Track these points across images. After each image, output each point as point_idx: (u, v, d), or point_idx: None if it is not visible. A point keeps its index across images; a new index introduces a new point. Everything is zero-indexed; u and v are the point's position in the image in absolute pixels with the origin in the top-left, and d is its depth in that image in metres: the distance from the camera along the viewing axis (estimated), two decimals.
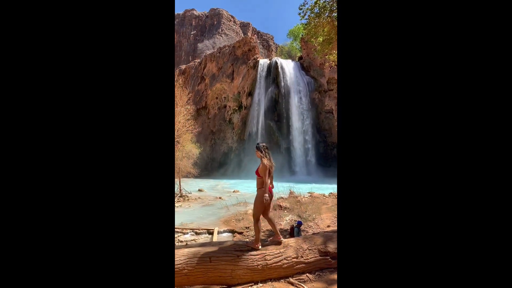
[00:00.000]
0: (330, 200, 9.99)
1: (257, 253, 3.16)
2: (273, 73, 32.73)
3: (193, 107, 21.12)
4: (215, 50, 42.64)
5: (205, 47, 58.55)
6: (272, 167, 3.29)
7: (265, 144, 3.43)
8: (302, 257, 3.23)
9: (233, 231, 7.32)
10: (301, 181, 21.68)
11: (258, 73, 33.20)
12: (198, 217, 9.32)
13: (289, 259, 3.19)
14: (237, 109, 34.88)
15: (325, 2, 7.97)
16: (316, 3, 8.12)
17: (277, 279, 3.13)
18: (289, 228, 6.19)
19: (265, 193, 3.17)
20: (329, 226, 6.64)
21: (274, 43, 64.57)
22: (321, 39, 8.59)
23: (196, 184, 20.19)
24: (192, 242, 6.66)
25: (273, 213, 8.22)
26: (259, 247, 3.24)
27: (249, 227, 7.34)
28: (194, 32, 64.43)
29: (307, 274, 3.19)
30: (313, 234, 3.95)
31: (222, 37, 61.22)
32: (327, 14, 8.11)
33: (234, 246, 3.23)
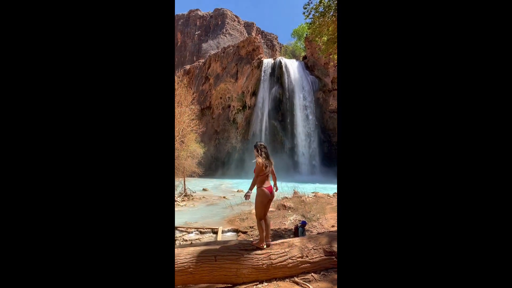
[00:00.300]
0: (334, 200, 9.96)
1: (262, 252, 3.17)
2: (277, 72, 32.67)
3: (198, 107, 21.18)
4: (219, 50, 42.73)
5: (210, 47, 58.71)
6: (267, 166, 3.25)
7: (262, 143, 3.41)
8: (307, 256, 3.23)
9: (237, 231, 7.33)
10: (305, 181, 21.63)
11: (262, 73, 33.17)
12: (202, 216, 9.34)
13: (294, 258, 3.19)
14: (241, 109, 34.91)
15: (329, 1, 7.93)
16: (320, 2, 8.08)
17: (282, 279, 3.13)
18: (293, 228, 6.18)
19: (264, 191, 3.19)
20: (333, 226, 6.62)
21: (278, 43, 64.42)
22: (325, 38, 8.54)
23: (200, 183, 20.27)
24: (196, 241, 6.68)
25: (277, 212, 8.20)
26: (264, 246, 3.24)
27: (253, 227, 7.34)
28: (198, 32, 64.64)
29: (312, 273, 3.19)
30: (318, 234, 3.95)
31: (226, 37, 61.32)
32: (331, 13, 8.05)
33: (239, 245, 3.25)
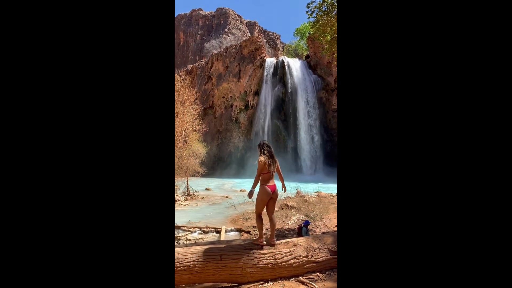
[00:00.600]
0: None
1: (267, 251, 3.17)
2: (280, 72, 32.62)
3: (200, 107, 21.20)
4: (222, 49, 42.74)
5: (212, 47, 58.76)
6: (270, 164, 3.25)
7: (266, 141, 3.41)
8: (312, 256, 3.22)
9: (240, 230, 7.34)
10: (308, 180, 21.59)
11: (264, 72, 33.12)
12: (205, 215, 9.36)
13: (299, 258, 3.19)
14: (243, 108, 34.90)
15: (332, 0, 7.90)
16: (324, 1, 8.06)
17: (288, 278, 3.13)
18: (296, 227, 6.17)
19: (265, 189, 3.20)
20: (337, 225, 6.61)
21: (280, 42, 64.31)
22: (329, 37, 8.53)
23: (203, 183, 20.31)
24: (200, 240, 6.70)
25: (280, 212, 8.19)
26: (263, 241, 3.25)
27: (256, 226, 7.34)
28: (201, 31, 64.71)
29: (318, 273, 3.18)
30: (323, 233, 3.94)
31: (228, 36, 61.34)
32: (335, 12, 8.03)
33: (244, 244, 3.25)
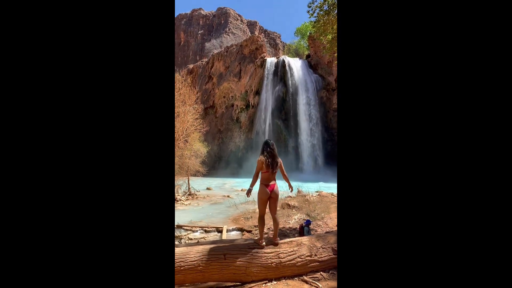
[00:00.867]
0: None
1: (271, 251, 3.18)
2: (281, 71, 32.60)
3: (201, 106, 21.21)
4: (223, 49, 42.72)
5: (213, 46, 58.74)
6: (269, 164, 3.26)
7: (269, 141, 3.41)
8: (315, 255, 3.23)
9: (241, 229, 7.33)
10: (309, 179, 21.56)
11: (265, 72, 33.11)
12: (207, 215, 9.36)
13: (303, 257, 3.19)
14: (244, 108, 34.89)
15: None
16: (325, 0, 8.04)
17: (291, 277, 3.14)
18: (298, 227, 6.17)
19: (263, 188, 3.27)
20: (337, 225, 6.60)
21: (281, 42, 64.24)
22: (330, 37, 8.51)
23: (204, 182, 20.32)
24: (201, 240, 6.71)
25: (281, 211, 8.19)
26: (263, 243, 3.24)
27: (257, 226, 7.34)
28: (201, 31, 64.68)
29: (321, 272, 3.19)
30: (326, 232, 3.94)
31: (229, 36, 61.30)
32: (336, 11, 8.02)
33: (248, 244, 3.26)
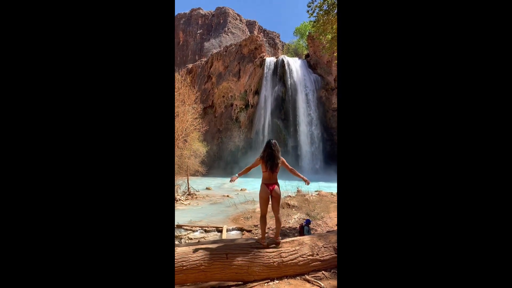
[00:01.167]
0: None
1: (273, 250, 3.19)
2: (280, 71, 32.61)
3: (200, 106, 21.19)
4: (222, 48, 42.69)
5: (212, 46, 58.68)
6: (267, 164, 3.35)
7: (271, 140, 3.49)
8: (317, 254, 3.24)
9: (241, 229, 7.34)
10: (308, 179, 21.56)
11: (264, 72, 33.12)
12: (206, 215, 9.36)
13: (304, 256, 3.20)
14: (243, 107, 34.89)
15: None
16: (324, 0, 8.05)
17: (293, 276, 3.14)
18: (297, 226, 6.18)
19: (262, 187, 3.39)
20: (337, 224, 6.61)
21: (280, 41, 64.23)
22: (329, 37, 8.52)
23: (203, 182, 20.31)
24: (201, 239, 6.71)
25: (281, 211, 8.19)
26: (265, 242, 3.26)
27: (257, 225, 7.35)
28: (200, 31, 64.59)
29: (323, 271, 3.20)
30: (327, 232, 3.95)
31: (228, 35, 61.24)
32: (336, 11, 8.03)
33: (250, 243, 3.27)
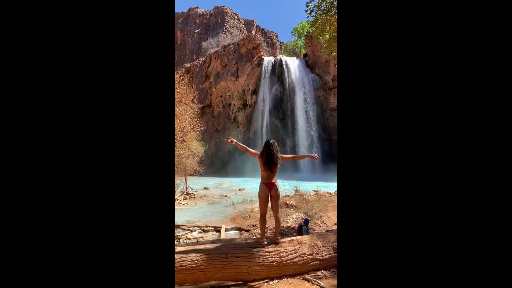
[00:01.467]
0: (336, 198, 9.96)
1: (272, 249, 3.19)
2: (278, 71, 32.61)
3: (198, 105, 21.14)
4: (220, 48, 42.60)
5: (210, 45, 58.54)
6: (265, 163, 3.43)
7: (269, 140, 3.56)
8: (317, 254, 3.25)
9: (240, 229, 7.33)
10: (306, 179, 21.65)
11: (262, 71, 33.11)
12: (205, 214, 9.34)
13: (304, 256, 3.21)
14: (241, 107, 34.86)
15: None
16: (323, 0, 8.06)
17: (293, 276, 3.15)
18: (296, 226, 6.19)
19: (261, 186, 3.51)
20: (336, 224, 6.62)
21: (278, 41, 64.22)
22: (328, 36, 8.53)
23: (201, 182, 20.25)
24: (200, 239, 6.69)
25: (279, 210, 8.20)
26: (264, 242, 3.25)
27: (256, 225, 7.34)
28: (198, 30, 64.42)
29: (322, 270, 3.21)
30: (326, 231, 3.96)
31: (226, 35, 61.14)
32: (334, 11, 8.04)
33: (249, 243, 3.27)
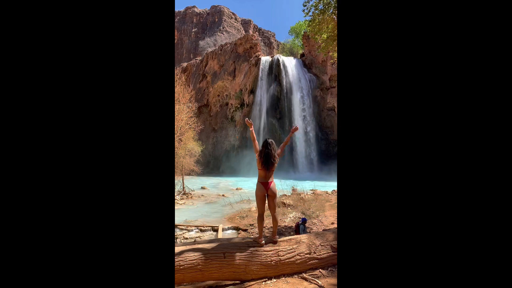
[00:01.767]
0: (333, 197, 10.01)
1: (270, 249, 3.19)
2: (275, 70, 32.61)
3: (195, 105, 21.06)
4: (217, 47, 42.48)
5: (207, 45, 58.34)
6: (262, 162, 3.36)
7: (267, 139, 3.51)
8: (315, 253, 3.25)
9: (237, 228, 7.34)
10: (304, 178, 21.71)
11: (260, 71, 33.07)
12: (202, 214, 9.33)
13: (302, 255, 3.21)
14: (239, 106, 34.80)
15: None
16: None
17: (291, 275, 3.15)
18: (293, 225, 6.20)
19: (258, 185, 3.44)
20: (333, 223, 6.65)
21: (275, 40, 64.19)
22: (325, 36, 8.55)
23: (199, 181, 20.21)
24: (197, 239, 6.68)
25: (276, 210, 8.21)
26: (262, 241, 3.26)
27: (253, 224, 7.36)
28: (195, 29, 64.18)
29: (320, 269, 3.21)
30: (324, 230, 3.97)
31: (223, 34, 60.98)
32: (331, 10, 8.07)
33: (247, 242, 3.26)
